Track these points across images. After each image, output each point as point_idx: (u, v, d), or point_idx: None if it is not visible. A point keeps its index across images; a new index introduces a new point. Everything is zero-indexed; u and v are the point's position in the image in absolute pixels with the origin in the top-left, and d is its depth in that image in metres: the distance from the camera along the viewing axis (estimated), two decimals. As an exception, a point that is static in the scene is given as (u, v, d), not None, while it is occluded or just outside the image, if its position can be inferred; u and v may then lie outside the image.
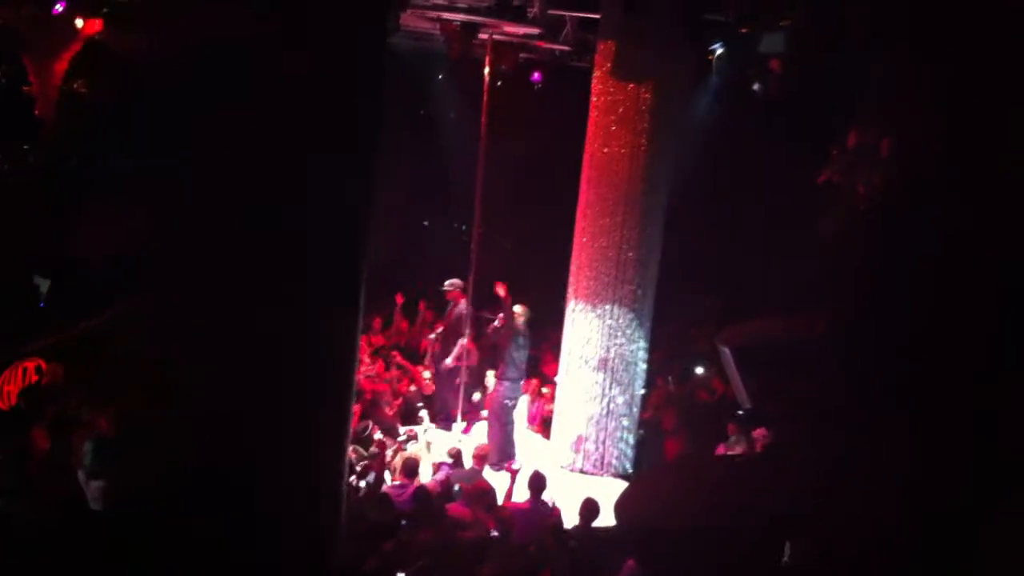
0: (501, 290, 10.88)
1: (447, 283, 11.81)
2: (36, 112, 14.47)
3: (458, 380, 11.74)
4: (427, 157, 15.24)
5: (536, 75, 15.06)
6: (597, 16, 10.53)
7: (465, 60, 11.74)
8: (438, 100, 15.13)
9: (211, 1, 5.63)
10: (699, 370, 12.36)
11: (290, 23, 5.58)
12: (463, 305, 11.69)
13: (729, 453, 9.83)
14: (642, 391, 11.04)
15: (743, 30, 10.30)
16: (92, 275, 11.80)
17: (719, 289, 13.15)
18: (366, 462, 9.27)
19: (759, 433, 9.73)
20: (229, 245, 5.77)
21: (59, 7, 13.23)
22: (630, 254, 10.57)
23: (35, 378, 10.46)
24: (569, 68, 13.05)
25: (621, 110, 10.28)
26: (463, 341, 11.59)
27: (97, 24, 13.88)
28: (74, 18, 13.55)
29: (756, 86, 11.08)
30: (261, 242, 5.74)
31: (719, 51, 10.83)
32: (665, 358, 12.45)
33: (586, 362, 10.83)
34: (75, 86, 14.99)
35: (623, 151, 10.34)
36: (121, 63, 13.57)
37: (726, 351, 10.45)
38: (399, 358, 13.00)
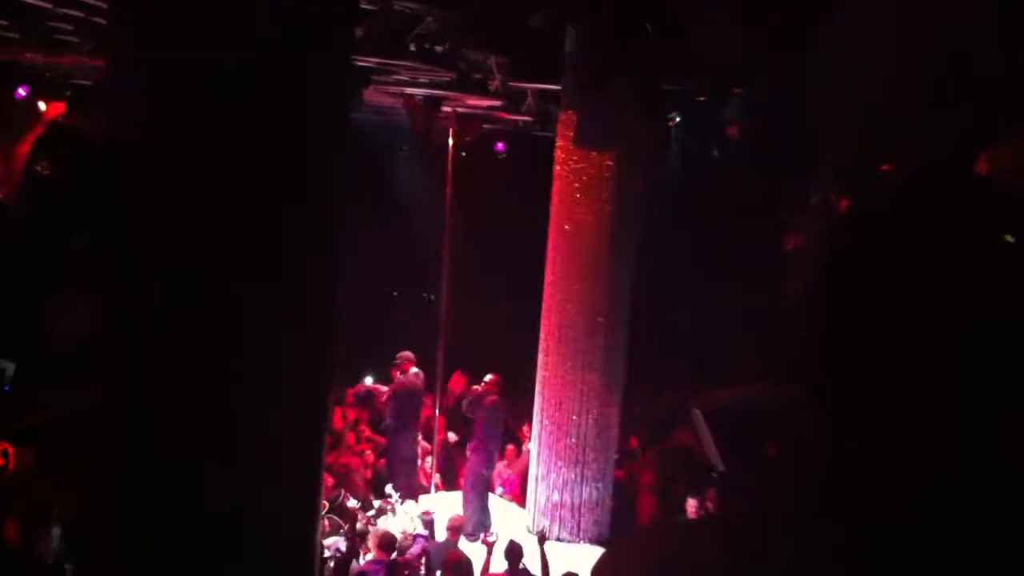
0: (457, 386, 10.94)
1: (399, 356, 11.81)
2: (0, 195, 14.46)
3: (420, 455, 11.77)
4: (393, 229, 15.35)
5: (500, 145, 15.27)
6: (557, 87, 10.73)
7: (429, 133, 11.89)
8: (403, 172, 15.28)
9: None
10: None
11: (251, 101, 5.64)
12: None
13: (702, 516, 9.82)
14: (615, 456, 11.06)
15: (700, 99, 10.53)
16: (58, 357, 11.72)
17: (686, 351, 13.24)
18: (338, 537, 9.16)
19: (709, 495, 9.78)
20: (193, 320, 5.76)
21: (22, 91, 13.32)
22: (599, 319, 10.64)
23: (1, 462, 10.32)
24: (532, 138, 13.25)
25: (585, 178, 10.42)
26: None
27: (60, 107, 13.96)
28: (37, 101, 13.64)
29: (715, 152, 11.30)
30: (228, 311, 5.74)
31: (677, 119, 11.07)
32: (639, 421, 12.50)
33: (558, 428, 10.84)
34: (39, 168, 14.99)
35: (588, 218, 10.47)
36: (84, 143, 13.64)
37: (698, 414, 10.49)
38: (368, 431, 12.95)
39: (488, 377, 11.29)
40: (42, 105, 13.69)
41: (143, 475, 5.77)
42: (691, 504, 9.89)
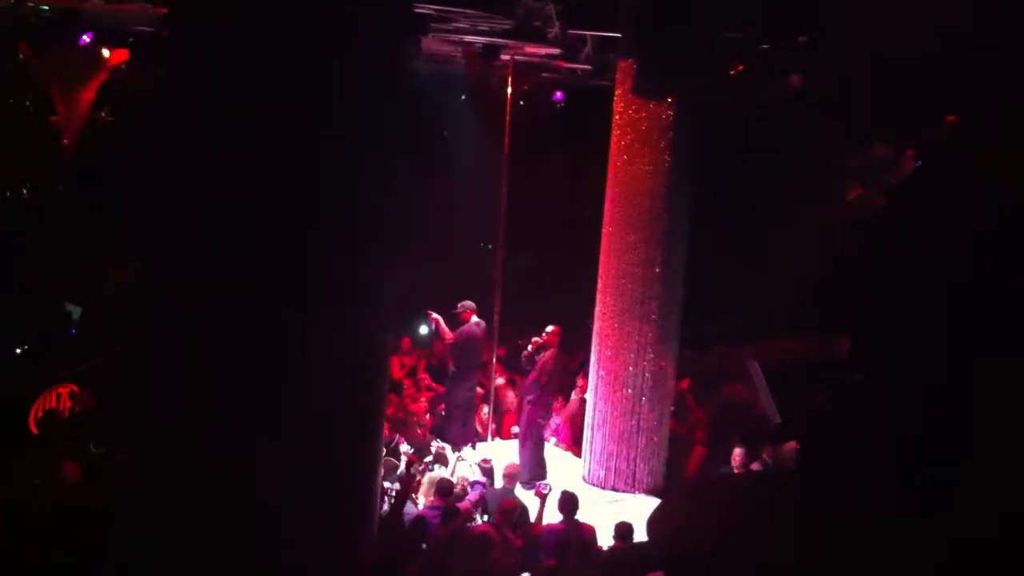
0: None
1: (460, 304, 11.90)
2: (64, 142, 14.67)
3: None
4: (451, 179, 15.32)
5: (558, 95, 15.14)
6: (616, 35, 10.60)
7: (487, 82, 11.83)
8: (461, 122, 15.22)
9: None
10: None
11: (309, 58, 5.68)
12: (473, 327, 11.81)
13: (759, 469, 9.81)
14: (671, 408, 11.06)
15: (763, 47, 10.34)
16: (122, 303, 11.95)
17: (739, 305, 13.13)
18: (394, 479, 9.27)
19: (790, 447, 9.72)
20: (250, 268, 5.85)
21: (86, 38, 13.44)
22: (656, 270, 10.59)
23: (68, 404, 10.60)
24: (590, 87, 13.11)
25: (643, 127, 10.33)
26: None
27: (123, 54, 14.07)
28: (100, 48, 13.76)
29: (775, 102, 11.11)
30: (283, 263, 5.83)
31: (739, 68, 10.87)
32: (693, 373, 12.45)
33: (614, 379, 10.85)
34: (102, 115, 15.18)
35: (646, 168, 10.39)
36: (146, 92, 13.76)
37: (755, 367, 10.47)
38: (428, 379, 13.08)
39: (549, 328, 11.32)
40: (105, 52, 13.81)
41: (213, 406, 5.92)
42: (737, 454, 9.86)
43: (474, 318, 11.80)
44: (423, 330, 14.15)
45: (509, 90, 11.42)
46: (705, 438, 11.07)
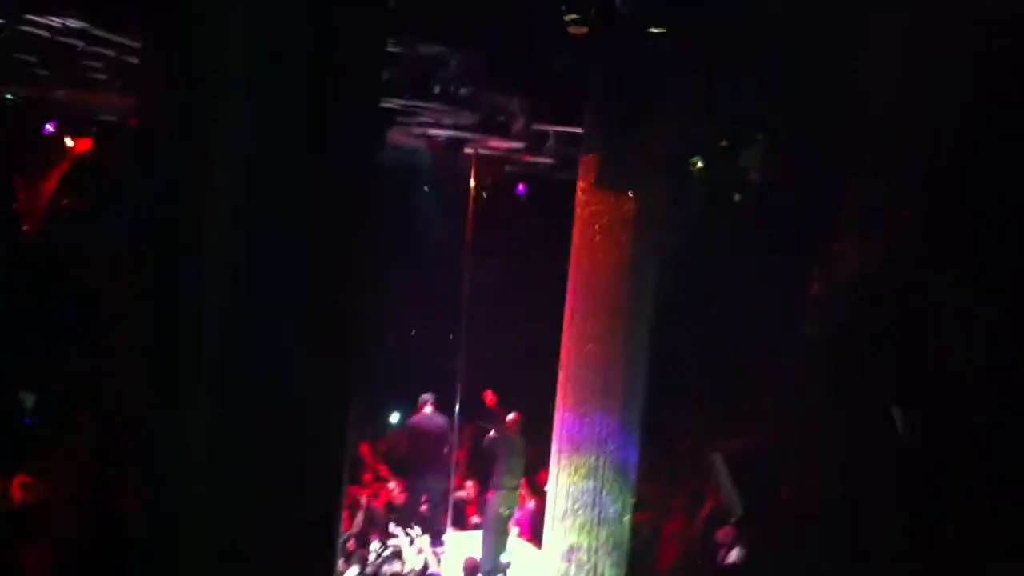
0: (489, 398, 10.97)
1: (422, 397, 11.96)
2: (25, 229, 14.62)
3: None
4: (413, 268, 15.42)
5: (521, 187, 15.35)
6: (579, 130, 10.81)
7: (451, 173, 11.99)
8: (424, 213, 15.40)
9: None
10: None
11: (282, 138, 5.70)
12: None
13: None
14: (633, 500, 11.00)
15: (722, 144, 10.59)
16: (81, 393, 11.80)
17: (704, 396, 13.20)
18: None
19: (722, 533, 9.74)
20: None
21: (49, 127, 13.51)
22: (618, 361, 10.62)
23: (19, 495, 10.38)
24: (553, 180, 13.32)
25: (605, 220, 10.45)
26: None
27: (86, 143, 14.14)
28: (63, 137, 13.82)
29: (736, 197, 11.34)
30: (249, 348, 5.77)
31: (699, 164, 11.12)
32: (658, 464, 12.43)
33: (576, 470, 10.79)
34: (64, 203, 15.16)
35: (607, 259, 10.48)
36: (109, 178, 13.78)
37: (718, 458, 10.49)
38: (384, 470, 12.99)
39: (510, 416, 11.33)
40: (68, 141, 13.86)
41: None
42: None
43: (428, 409, 11.82)
44: (393, 418, 14.10)
45: (472, 182, 11.58)
46: (676, 533, 10.99)
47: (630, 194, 10.35)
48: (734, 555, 9.80)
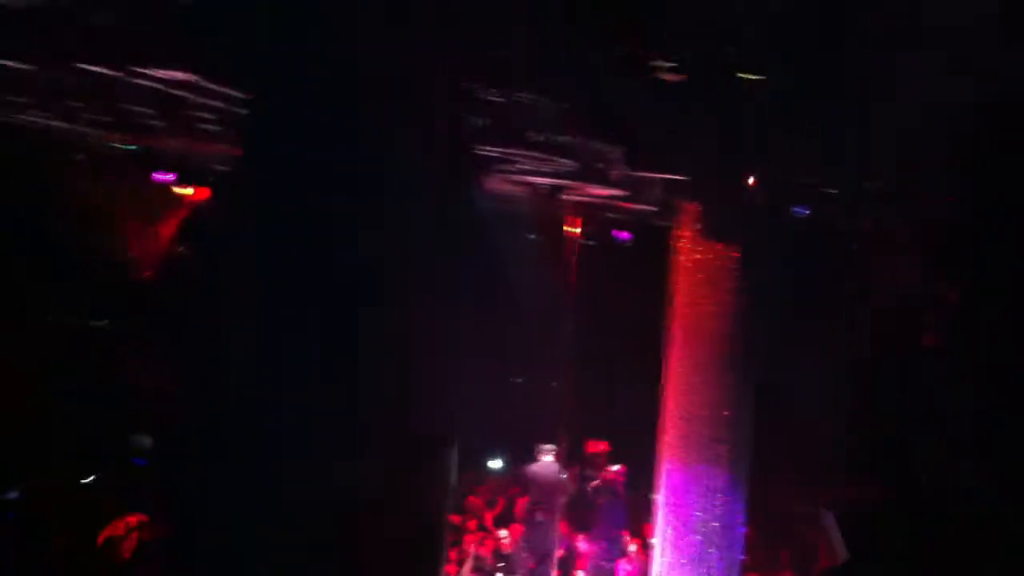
0: (596, 448, 10.85)
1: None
2: (141, 275, 15.03)
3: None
4: (515, 317, 15.33)
5: (621, 234, 15.18)
6: (681, 178, 10.61)
7: (551, 222, 11.93)
8: (525, 261, 15.34)
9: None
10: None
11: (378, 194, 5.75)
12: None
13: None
14: (740, 556, 10.67)
15: (831, 191, 10.27)
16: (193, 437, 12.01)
17: (815, 447, 12.76)
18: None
19: None
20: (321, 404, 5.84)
21: (164, 177, 13.91)
22: (723, 412, 10.35)
23: (136, 534, 10.59)
24: (654, 227, 13.12)
25: (708, 269, 10.25)
26: None
27: (202, 192, 14.51)
28: (178, 186, 14.21)
29: (851, 246, 11.01)
30: (351, 401, 5.80)
31: (806, 212, 10.81)
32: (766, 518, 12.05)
33: (682, 523, 10.53)
34: (178, 250, 15.56)
35: (711, 309, 10.26)
36: (223, 228, 14.07)
37: (829, 516, 10.10)
38: (489, 520, 12.90)
39: (614, 467, 11.17)
40: (183, 190, 14.24)
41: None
42: None
43: (547, 458, 11.78)
44: (496, 464, 14.03)
45: (573, 230, 11.48)
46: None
47: (735, 243, 10.13)
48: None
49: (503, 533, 12.38)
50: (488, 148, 9.45)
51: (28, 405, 12.17)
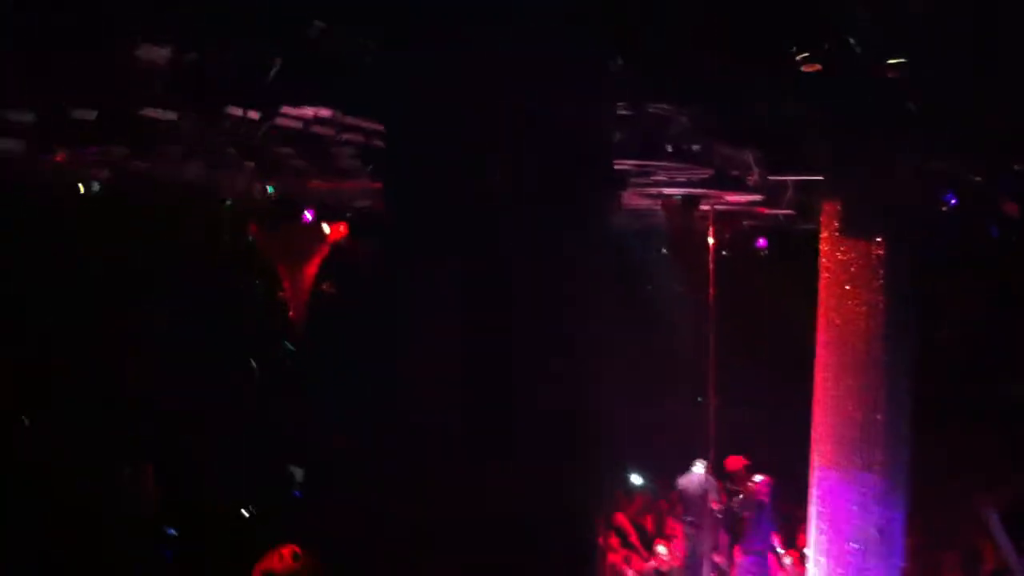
0: (735, 464, 10.77)
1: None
2: (290, 315, 15.55)
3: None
4: (656, 330, 15.33)
5: (761, 241, 15.04)
6: (818, 178, 10.48)
7: (688, 232, 11.92)
8: (664, 274, 15.34)
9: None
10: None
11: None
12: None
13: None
14: (901, 563, 10.35)
15: (976, 178, 10.00)
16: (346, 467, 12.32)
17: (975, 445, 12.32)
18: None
19: None
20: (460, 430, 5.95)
21: (308, 215, 14.41)
22: (877, 416, 10.08)
23: (292, 565, 10.86)
24: (794, 231, 12.97)
25: (853, 269, 10.03)
26: None
27: (342, 228, 14.96)
28: (320, 223, 14.67)
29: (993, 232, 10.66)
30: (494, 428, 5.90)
31: (952, 201, 10.54)
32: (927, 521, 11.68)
33: (837, 532, 10.30)
34: (323, 287, 16.05)
35: (860, 310, 10.04)
36: (363, 264, 14.49)
37: (993, 516, 9.74)
38: (633, 535, 12.88)
39: (758, 478, 11.01)
40: (326, 227, 14.70)
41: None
42: None
43: (698, 469, 11.76)
44: (637, 480, 14.00)
45: (711, 239, 11.44)
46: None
47: (879, 239, 9.93)
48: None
49: (661, 549, 12.31)
50: (623, 162, 9.49)
51: (189, 443, 12.68)
